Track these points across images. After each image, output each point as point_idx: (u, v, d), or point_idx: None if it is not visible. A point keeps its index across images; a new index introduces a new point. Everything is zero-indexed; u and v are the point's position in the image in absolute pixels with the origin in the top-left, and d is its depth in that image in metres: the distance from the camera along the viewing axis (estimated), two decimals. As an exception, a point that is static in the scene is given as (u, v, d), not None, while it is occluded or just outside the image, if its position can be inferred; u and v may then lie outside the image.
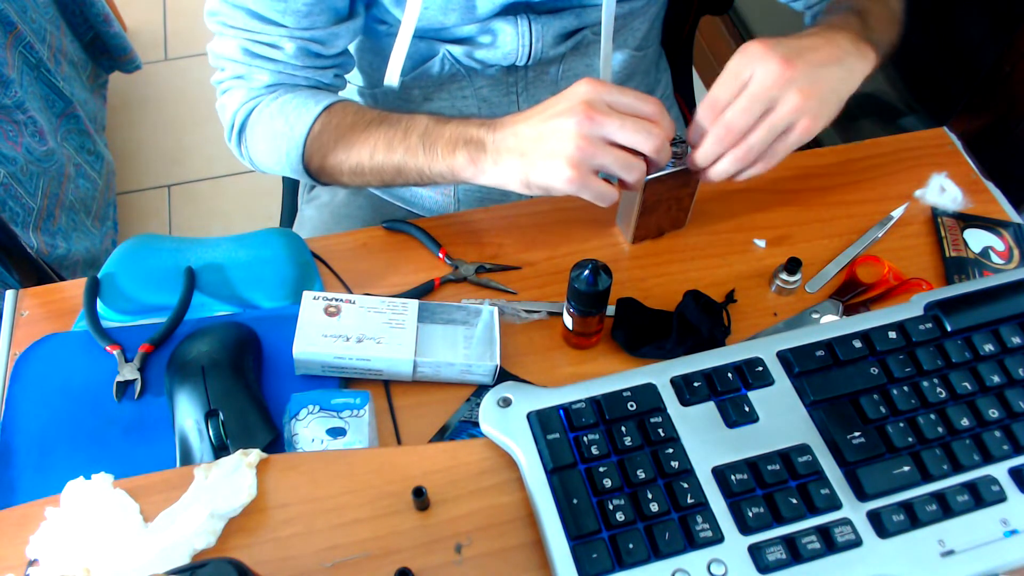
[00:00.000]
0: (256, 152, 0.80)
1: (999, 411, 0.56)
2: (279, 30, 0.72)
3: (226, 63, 0.77)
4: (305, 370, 0.66)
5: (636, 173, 0.64)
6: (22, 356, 0.68)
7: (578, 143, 0.61)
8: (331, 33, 0.74)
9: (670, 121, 0.64)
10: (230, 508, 0.53)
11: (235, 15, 0.72)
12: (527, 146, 0.64)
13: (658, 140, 0.62)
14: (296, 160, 0.76)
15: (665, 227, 0.77)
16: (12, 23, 1.45)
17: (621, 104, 0.62)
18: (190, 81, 2.12)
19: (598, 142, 0.62)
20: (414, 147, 0.70)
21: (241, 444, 0.60)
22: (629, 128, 0.61)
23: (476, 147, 0.67)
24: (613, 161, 0.62)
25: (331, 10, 0.73)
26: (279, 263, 0.73)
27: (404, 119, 0.72)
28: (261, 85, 0.76)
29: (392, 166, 0.72)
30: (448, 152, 0.68)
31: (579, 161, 0.62)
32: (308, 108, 0.74)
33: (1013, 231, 0.78)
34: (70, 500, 0.53)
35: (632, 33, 0.85)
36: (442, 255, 0.76)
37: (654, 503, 0.51)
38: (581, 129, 0.61)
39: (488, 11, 0.74)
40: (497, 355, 0.66)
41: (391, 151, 0.71)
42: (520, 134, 0.65)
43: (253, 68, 0.75)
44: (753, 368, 0.58)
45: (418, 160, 0.70)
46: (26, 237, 1.37)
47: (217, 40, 0.76)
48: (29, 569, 0.51)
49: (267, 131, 0.77)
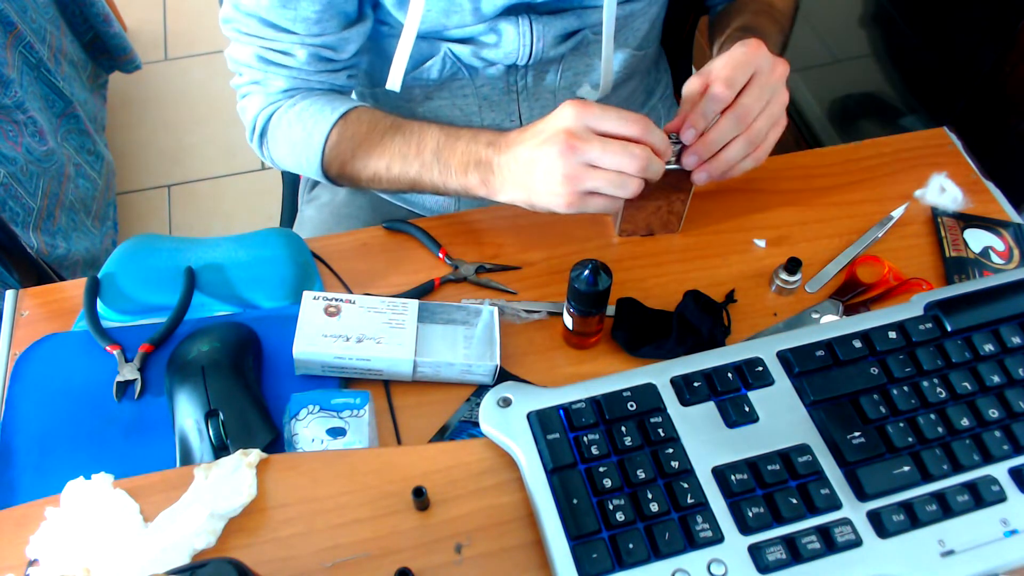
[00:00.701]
0: (277, 155, 0.82)
1: (999, 411, 0.56)
2: (290, 37, 0.73)
3: (243, 68, 0.79)
4: (305, 370, 0.66)
5: (631, 187, 0.64)
6: (22, 356, 0.68)
7: (565, 172, 0.63)
8: (341, 38, 0.75)
9: (660, 136, 0.65)
10: (230, 508, 0.53)
11: (248, 22, 0.74)
12: (524, 173, 0.67)
13: (641, 160, 0.63)
14: (316, 167, 0.78)
15: (656, 228, 0.76)
16: (12, 23, 1.45)
17: (604, 127, 0.63)
18: (190, 81, 2.13)
19: (583, 169, 0.63)
20: (428, 163, 0.72)
21: (241, 444, 0.60)
22: (612, 152, 0.62)
23: (486, 169, 0.70)
24: (603, 183, 0.64)
25: (341, 15, 0.74)
26: (279, 263, 0.73)
27: (416, 130, 0.73)
28: (278, 90, 0.78)
29: (408, 179, 0.74)
30: (461, 173, 0.71)
31: (569, 190, 0.64)
32: (324, 116, 0.76)
33: (1013, 231, 0.78)
34: (70, 500, 0.53)
35: (633, 33, 0.85)
36: (442, 255, 0.76)
37: (654, 503, 0.51)
38: (564, 161, 0.63)
39: (490, 12, 0.74)
40: (497, 355, 0.66)
41: (406, 165, 0.74)
42: (519, 159, 0.67)
43: (269, 74, 0.77)
44: (753, 368, 0.58)
45: (433, 176, 0.73)
46: (26, 237, 1.37)
47: (234, 46, 0.78)
48: (29, 569, 0.51)
49: (286, 138, 0.79)
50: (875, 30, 1.42)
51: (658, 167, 0.65)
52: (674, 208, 0.74)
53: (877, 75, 1.44)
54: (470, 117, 0.85)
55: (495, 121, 0.86)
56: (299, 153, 0.78)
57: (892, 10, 1.35)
